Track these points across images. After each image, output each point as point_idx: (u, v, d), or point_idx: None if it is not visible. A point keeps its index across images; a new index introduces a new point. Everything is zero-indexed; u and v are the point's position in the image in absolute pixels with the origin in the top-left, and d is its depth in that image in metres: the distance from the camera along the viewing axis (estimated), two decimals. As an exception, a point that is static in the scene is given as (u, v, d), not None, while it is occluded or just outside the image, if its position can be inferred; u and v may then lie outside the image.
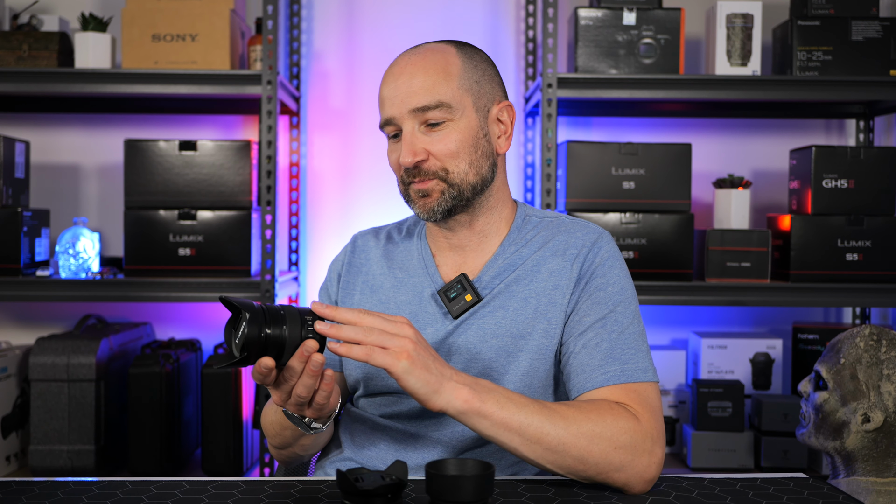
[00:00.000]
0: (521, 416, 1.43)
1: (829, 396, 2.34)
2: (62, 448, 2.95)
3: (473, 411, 1.41)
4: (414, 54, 1.67)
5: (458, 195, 1.64)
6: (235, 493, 1.44)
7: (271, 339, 1.36)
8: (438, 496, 1.27)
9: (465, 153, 1.63)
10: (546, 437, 1.43)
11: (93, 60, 3.03)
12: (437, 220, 1.67)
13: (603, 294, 1.63)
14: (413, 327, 1.41)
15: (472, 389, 1.42)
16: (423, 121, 1.62)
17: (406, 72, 1.64)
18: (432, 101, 1.61)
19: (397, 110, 1.63)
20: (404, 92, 1.62)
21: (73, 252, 3.03)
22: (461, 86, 1.65)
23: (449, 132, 1.63)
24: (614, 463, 1.45)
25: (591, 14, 3.05)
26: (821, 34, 3.08)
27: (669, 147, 3.05)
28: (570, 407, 1.47)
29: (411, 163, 1.61)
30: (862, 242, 3.04)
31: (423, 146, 1.62)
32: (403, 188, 1.68)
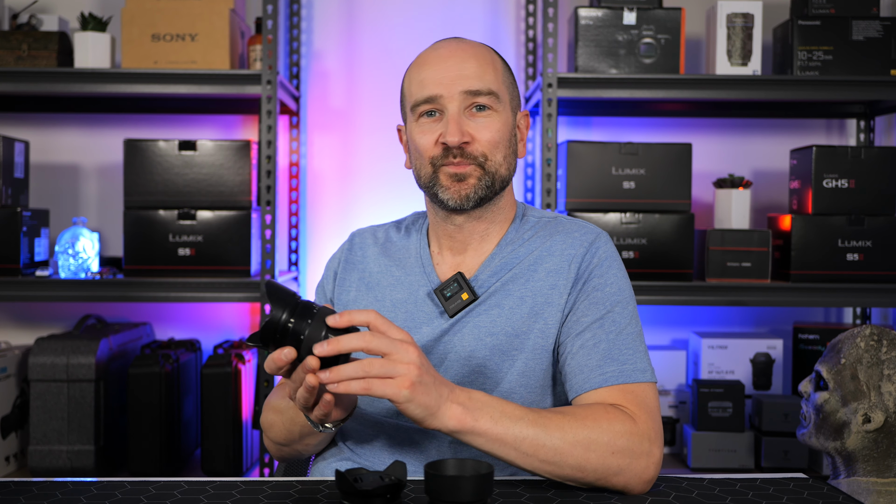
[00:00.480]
0: (516, 430, 1.42)
1: (830, 397, 2.34)
2: (61, 448, 2.95)
3: (467, 430, 1.41)
4: (461, 42, 1.70)
5: (491, 185, 1.65)
6: (234, 494, 1.43)
7: (290, 331, 1.35)
8: (438, 496, 1.27)
9: (503, 145, 1.66)
10: (542, 448, 1.42)
11: (92, 60, 3.03)
12: (465, 209, 1.66)
13: (601, 294, 1.62)
14: (417, 348, 1.37)
15: (464, 408, 1.40)
16: (470, 104, 1.64)
17: (456, 55, 1.66)
18: (484, 86, 1.64)
19: (446, 90, 1.63)
20: (455, 74, 1.64)
21: (73, 252, 3.03)
22: (503, 81, 1.69)
23: (493, 121, 1.65)
24: (612, 468, 1.44)
25: (591, 14, 3.05)
26: (821, 34, 3.07)
27: (670, 147, 3.05)
28: (566, 415, 1.46)
29: (458, 142, 1.61)
30: (862, 242, 3.03)
31: (468, 129, 1.63)
32: (431, 171, 1.66)
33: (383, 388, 1.33)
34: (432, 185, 1.66)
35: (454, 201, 1.65)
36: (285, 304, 1.36)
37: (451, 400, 1.40)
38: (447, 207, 1.66)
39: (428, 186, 1.68)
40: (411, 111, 1.68)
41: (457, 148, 1.62)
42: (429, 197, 1.71)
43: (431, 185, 1.66)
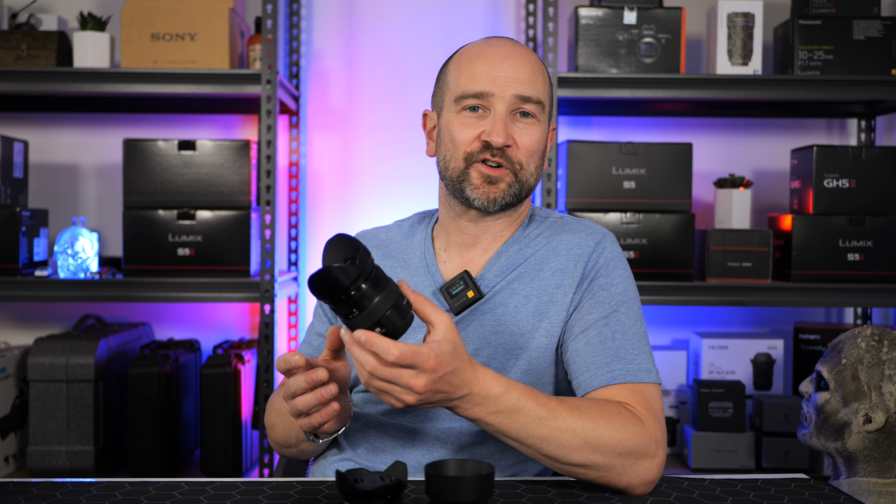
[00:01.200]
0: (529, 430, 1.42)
1: (831, 397, 2.33)
2: (61, 449, 2.94)
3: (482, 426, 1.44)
4: (517, 44, 1.70)
5: (519, 194, 1.66)
6: (234, 494, 1.43)
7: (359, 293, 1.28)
8: (438, 497, 1.27)
9: (537, 155, 1.67)
10: (549, 445, 1.43)
11: (91, 60, 3.03)
12: (490, 212, 1.67)
13: (606, 294, 1.63)
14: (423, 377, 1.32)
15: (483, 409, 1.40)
16: (517, 108, 1.64)
17: (513, 57, 1.66)
18: (535, 94, 1.65)
19: (499, 89, 1.63)
20: (510, 75, 1.64)
21: (72, 252, 3.02)
22: (548, 93, 1.70)
23: (534, 129, 1.66)
24: (617, 468, 1.45)
25: (591, 13, 3.04)
26: (822, 33, 3.07)
27: (670, 147, 3.04)
28: (580, 413, 1.45)
29: (503, 143, 1.61)
30: (863, 242, 3.03)
31: (511, 133, 1.63)
32: (463, 167, 1.65)
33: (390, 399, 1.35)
34: (461, 181, 1.66)
35: (481, 202, 1.65)
36: (362, 262, 1.29)
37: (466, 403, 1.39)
38: (471, 206, 1.66)
39: (456, 180, 1.67)
40: (455, 101, 1.67)
41: (498, 149, 1.62)
42: (452, 191, 1.69)
43: (461, 179, 1.66)
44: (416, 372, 1.31)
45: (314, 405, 1.41)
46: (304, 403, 1.41)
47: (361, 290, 1.28)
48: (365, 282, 1.28)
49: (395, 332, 1.31)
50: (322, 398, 1.40)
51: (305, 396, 1.41)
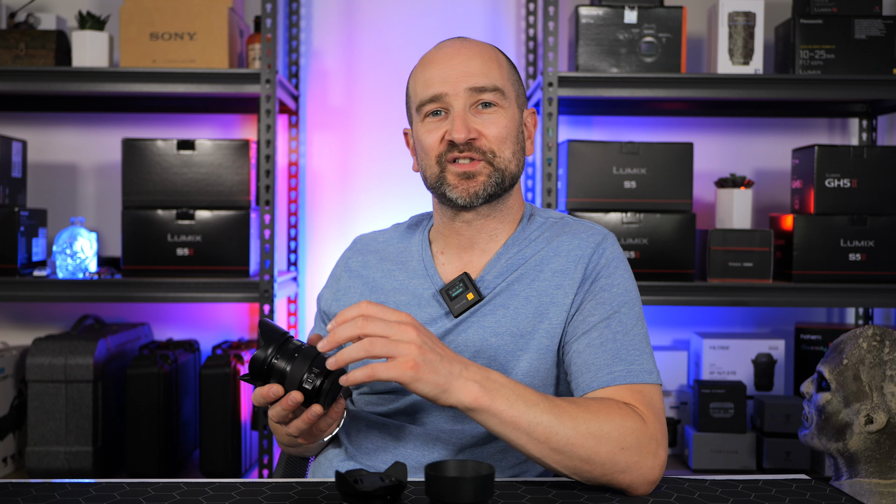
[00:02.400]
0: (531, 415, 1.41)
1: (832, 397, 2.33)
2: (59, 449, 2.93)
3: (483, 409, 1.40)
4: (465, 41, 1.71)
5: (501, 181, 1.65)
6: (234, 495, 1.42)
7: (274, 368, 1.40)
8: (438, 498, 1.26)
9: (510, 141, 1.66)
10: (555, 436, 1.41)
11: (90, 59, 3.02)
12: (475, 206, 1.66)
13: (608, 295, 1.62)
14: (417, 327, 1.38)
15: (481, 387, 1.40)
16: (475, 101, 1.64)
17: (461, 54, 1.66)
18: (489, 83, 1.64)
19: (451, 87, 1.64)
20: (460, 72, 1.64)
21: (71, 252, 3.02)
22: (509, 78, 1.69)
23: (499, 117, 1.65)
24: (620, 464, 1.43)
25: (592, 12, 3.04)
26: (823, 32, 3.06)
27: (671, 146, 3.04)
28: (579, 406, 1.46)
29: (464, 139, 1.61)
30: (865, 242, 3.02)
31: (474, 125, 1.63)
32: (438, 171, 1.66)
33: (387, 371, 1.34)
34: (439, 185, 1.66)
35: (463, 199, 1.64)
36: (271, 341, 1.41)
37: (465, 377, 1.39)
38: (456, 206, 1.66)
39: (435, 186, 1.68)
40: (417, 112, 1.69)
41: (464, 144, 1.62)
42: (436, 197, 1.71)
43: (438, 184, 1.66)
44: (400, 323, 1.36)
45: (282, 414, 1.42)
46: (275, 413, 1.43)
47: (273, 363, 1.41)
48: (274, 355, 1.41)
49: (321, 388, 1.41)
50: (287, 406, 1.40)
51: (274, 408, 1.43)
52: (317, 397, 1.41)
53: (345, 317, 1.36)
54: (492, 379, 1.42)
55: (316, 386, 1.40)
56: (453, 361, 1.40)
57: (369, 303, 1.38)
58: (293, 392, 1.39)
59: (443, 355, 1.39)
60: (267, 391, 1.40)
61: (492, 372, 1.43)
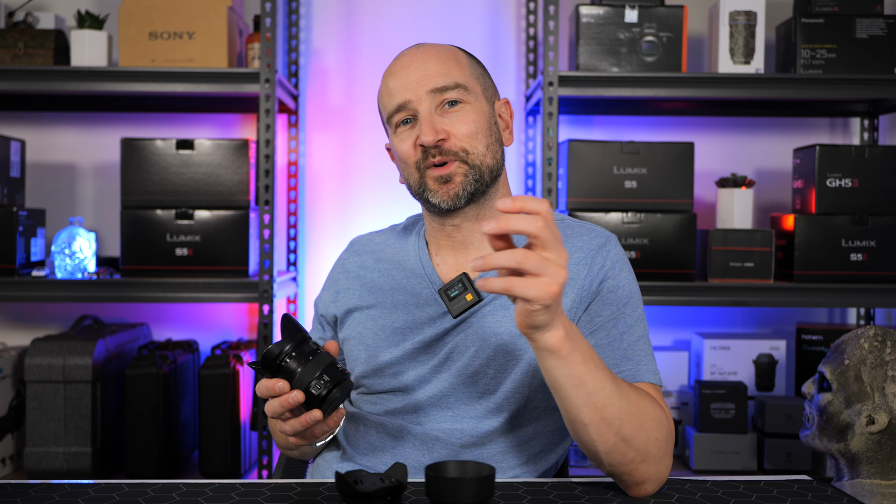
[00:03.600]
0: (598, 378, 1.38)
1: (833, 398, 2.32)
2: (58, 450, 2.93)
3: (563, 354, 1.35)
4: (421, 46, 1.71)
5: (480, 177, 1.64)
6: (233, 496, 1.43)
7: (284, 368, 1.40)
8: (438, 498, 1.26)
9: (482, 135, 1.65)
10: (611, 406, 1.40)
11: (89, 58, 3.01)
12: (458, 207, 1.65)
13: (613, 296, 1.62)
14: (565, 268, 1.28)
15: (567, 334, 1.35)
16: (440, 102, 1.64)
17: (418, 59, 1.67)
18: (450, 81, 1.64)
19: (412, 93, 1.64)
20: (419, 76, 1.64)
21: (69, 252, 3.01)
22: (471, 73, 1.69)
23: (466, 113, 1.64)
24: (651, 454, 1.43)
25: (592, 11, 3.03)
26: (825, 32, 3.06)
27: (672, 146, 3.03)
28: (632, 387, 1.46)
29: (433, 141, 1.61)
30: (866, 242, 3.02)
31: (442, 126, 1.62)
32: (418, 177, 1.66)
33: (527, 289, 1.25)
34: (422, 191, 1.67)
35: (445, 203, 1.64)
36: (290, 338, 1.41)
37: (559, 318, 1.34)
38: (441, 210, 1.66)
39: (418, 193, 1.68)
40: (389, 124, 1.70)
41: (434, 147, 1.62)
42: (422, 203, 1.71)
43: (421, 190, 1.67)
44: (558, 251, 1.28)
45: (279, 411, 1.41)
46: (272, 408, 1.42)
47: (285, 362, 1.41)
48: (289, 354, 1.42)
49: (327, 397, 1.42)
50: (286, 404, 1.39)
51: (272, 402, 1.42)
52: (320, 404, 1.40)
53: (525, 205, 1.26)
54: (575, 331, 1.38)
55: (322, 394, 1.40)
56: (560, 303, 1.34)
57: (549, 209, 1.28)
58: (295, 391, 1.38)
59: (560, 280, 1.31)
60: (273, 385, 1.39)
61: (573, 325, 1.39)
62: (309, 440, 1.50)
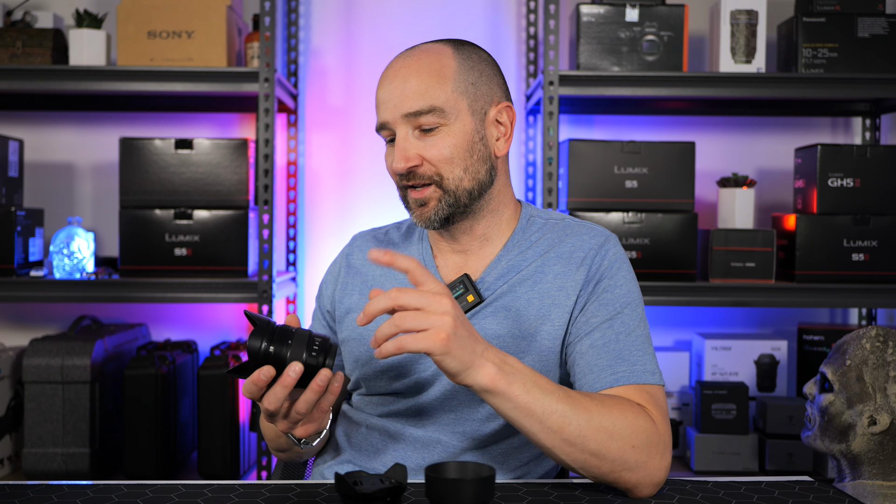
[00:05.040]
0: (546, 403, 1.39)
1: (835, 398, 2.32)
2: (56, 451, 2.92)
3: (499, 392, 1.38)
4: (408, 57, 1.64)
5: (455, 202, 1.61)
6: (232, 497, 1.42)
7: (272, 355, 1.37)
8: (438, 500, 1.25)
9: (459, 158, 1.60)
10: (567, 427, 1.40)
11: (87, 58, 3.01)
12: (435, 228, 1.65)
13: (610, 296, 1.61)
14: (451, 298, 1.35)
15: (499, 370, 1.37)
16: (416, 125, 1.60)
17: (399, 75, 1.61)
18: (424, 105, 1.58)
19: (390, 115, 1.60)
20: (397, 96, 1.60)
21: (68, 252, 3.00)
22: (455, 88, 1.61)
23: (442, 137, 1.60)
24: (629, 462, 1.42)
25: (593, 10, 3.02)
26: (826, 31, 3.05)
27: (673, 145, 3.02)
28: (593, 399, 1.45)
29: (404, 168, 1.59)
30: (868, 242, 3.01)
31: (416, 151, 1.59)
32: (402, 193, 1.66)
33: (417, 343, 1.31)
34: (406, 207, 1.67)
35: (421, 224, 1.64)
36: (262, 331, 1.38)
37: (485, 357, 1.37)
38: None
39: (405, 208, 1.68)
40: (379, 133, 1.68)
41: (407, 173, 1.60)
42: None
43: (406, 207, 1.67)
44: (436, 287, 1.34)
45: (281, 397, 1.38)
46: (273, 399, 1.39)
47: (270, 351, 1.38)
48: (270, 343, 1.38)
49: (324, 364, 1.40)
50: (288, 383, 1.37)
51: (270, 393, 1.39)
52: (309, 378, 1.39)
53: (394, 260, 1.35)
54: (509, 363, 1.40)
55: (320, 361, 1.38)
56: (477, 340, 1.38)
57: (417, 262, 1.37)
58: (293, 363, 1.35)
59: (471, 332, 1.38)
60: (258, 376, 1.36)
61: (509, 357, 1.41)
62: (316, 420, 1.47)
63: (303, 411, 1.40)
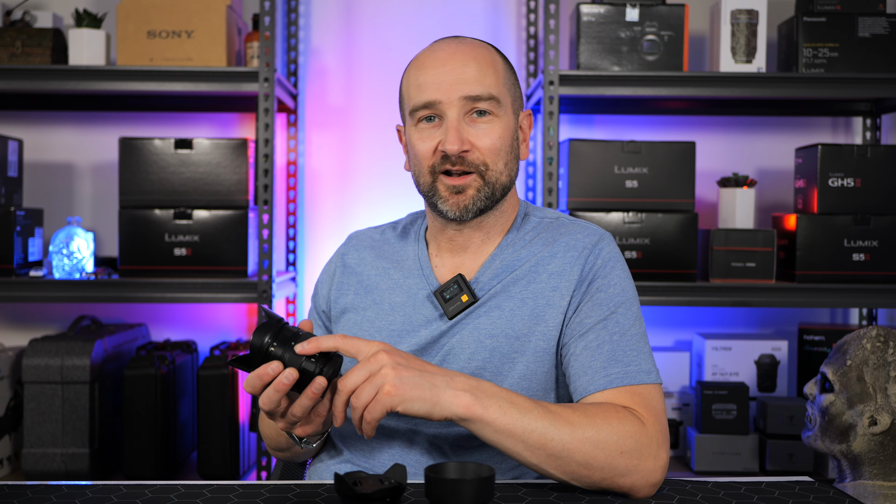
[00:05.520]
0: (525, 422, 1.40)
1: (836, 399, 2.31)
2: (56, 451, 2.91)
3: (476, 418, 1.40)
4: (461, 43, 1.65)
5: (491, 195, 1.63)
6: (232, 497, 1.42)
7: (271, 354, 1.37)
8: (438, 500, 1.25)
9: (504, 152, 1.63)
10: (550, 442, 1.41)
11: (87, 57, 3.00)
12: (465, 220, 1.64)
13: (604, 296, 1.61)
14: (388, 350, 1.39)
15: (472, 395, 1.40)
16: (469, 110, 1.60)
17: (456, 59, 1.62)
18: (485, 91, 1.60)
19: (445, 95, 1.60)
20: (454, 78, 1.60)
21: (67, 252, 3.00)
22: (505, 84, 1.65)
23: (494, 127, 1.62)
24: (619, 468, 1.42)
25: (593, 10, 3.02)
26: (827, 31, 3.05)
27: (673, 145, 3.02)
28: (575, 411, 1.45)
29: (457, 150, 1.58)
30: (869, 242, 3.01)
31: (467, 136, 1.60)
32: (430, 181, 1.63)
33: (373, 411, 1.35)
34: (431, 195, 1.64)
35: (453, 213, 1.62)
36: (269, 328, 1.38)
37: (453, 387, 1.39)
38: (447, 217, 1.64)
39: (427, 194, 1.65)
40: (410, 115, 1.65)
41: (456, 156, 1.59)
42: (428, 205, 1.69)
43: (431, 194, 1.64)
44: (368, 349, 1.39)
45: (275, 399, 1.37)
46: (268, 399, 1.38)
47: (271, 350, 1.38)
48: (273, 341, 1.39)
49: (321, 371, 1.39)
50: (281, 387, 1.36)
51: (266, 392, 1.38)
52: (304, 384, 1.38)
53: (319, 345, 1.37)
54: (482, 388, 1.41)
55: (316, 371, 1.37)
56: (436, 374, 1.40)
57: (343, 336, 1.40)
58: (288, 369, 1.35)
59: (422, 370, 1.39)
60: (264, 371, 1.36)
61: (482, 381, 1.43)
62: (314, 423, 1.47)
63: (298, 415, 1.40)
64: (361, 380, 1.36)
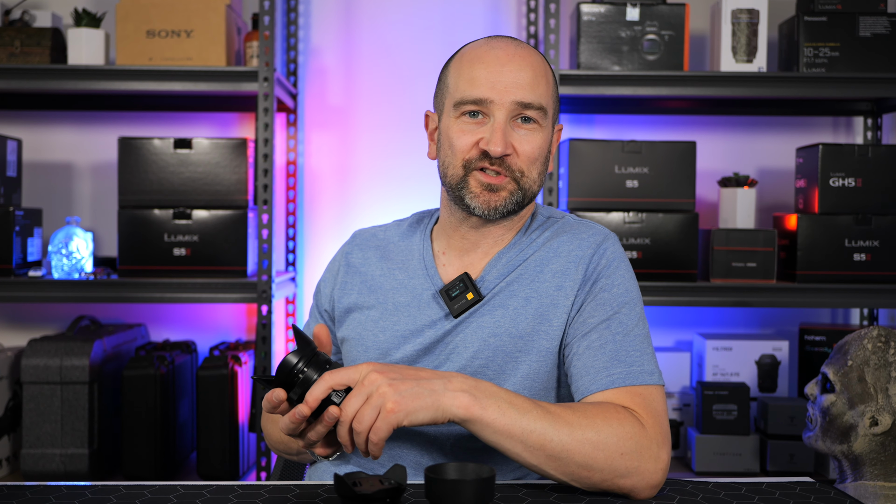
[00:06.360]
0: (524, 423, 1.40)
1: (837, 399, 2.31)
2: (55, 452, 2.91)
3: (475, 418, 1.39)
4: (519, 46, 1.65)
5: (521, 201, 1.63)
6: (231, 498, 1.41)
7: (301, 380, 1.38)
8: (438, 501, 1.25)
9: (540, 162, 1.64)
10: (549, 443, 1.40)
11: (86, 57, 3.00)
12: (491, 220, 1.64)
13: (608, 296, 1.60)
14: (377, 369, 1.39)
15: (471, 396, 1.39)
16: (517, 115, 1.61)
17: (514, 61, 1.62)
18: (536, 100, 1.61)
19: (498, 95, 1.59)
20: (511, 80, 1.60)
21: (66, 252, 2.99)
22: (552, 96, 1.66)
23: (536, 136, 1.62)
24: (619, 469, 1.42)
25: (593, 9, 3.01)
26: (828, 30, 3.04)
27: (673, 145, 3.02)
28: (575, 411, 1.44)
29: (501, 152, 1.58)
30: (870, 242, 3.00)
31: (511, 141, 1.60)
32: (462, 174, 1.63)
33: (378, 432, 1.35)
34: (460, 188, 1.63)
35: (481, 210, 1.62)
36: (303, 351, 1.40)
37: (451, 389, 1.39)
38: (472, 213, 1.63)
39: (455, 187, 1.64)
40: (454, 106, 1.64)
41: (496, 158, 1.59)
42: (452, 198, 1.67)
43: (460, 187, 1.63)
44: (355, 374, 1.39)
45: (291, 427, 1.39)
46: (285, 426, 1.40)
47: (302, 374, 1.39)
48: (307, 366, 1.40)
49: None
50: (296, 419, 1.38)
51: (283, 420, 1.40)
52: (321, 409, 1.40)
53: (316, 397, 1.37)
54: (481, 388, 1.41)
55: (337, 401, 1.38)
56: (432, 379, 1.40)
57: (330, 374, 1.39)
58: (299, 406, 1.36)
59: (417, 378, 1.39)
60: (270, 395, 1.38)
61: (480, 381, 1.43)
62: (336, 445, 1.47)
63: (313, 440, 1.41)
64: (360, 404, 1.36)
